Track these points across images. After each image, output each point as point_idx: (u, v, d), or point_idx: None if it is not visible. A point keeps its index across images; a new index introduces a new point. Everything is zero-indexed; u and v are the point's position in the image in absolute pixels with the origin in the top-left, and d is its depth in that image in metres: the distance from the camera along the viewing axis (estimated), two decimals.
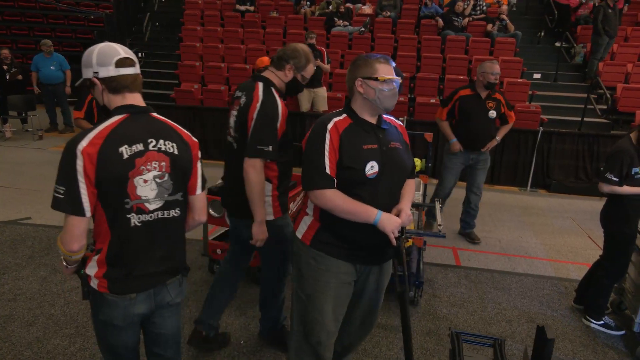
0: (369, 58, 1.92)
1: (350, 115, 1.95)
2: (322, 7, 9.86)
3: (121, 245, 1.62)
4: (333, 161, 1.84)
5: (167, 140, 1.66)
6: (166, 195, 1.67)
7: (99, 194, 1.55)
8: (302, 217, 2.05)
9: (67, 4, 11.81)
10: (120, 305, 1.65)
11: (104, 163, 1.52)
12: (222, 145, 7.28)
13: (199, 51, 9.19)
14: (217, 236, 3.90)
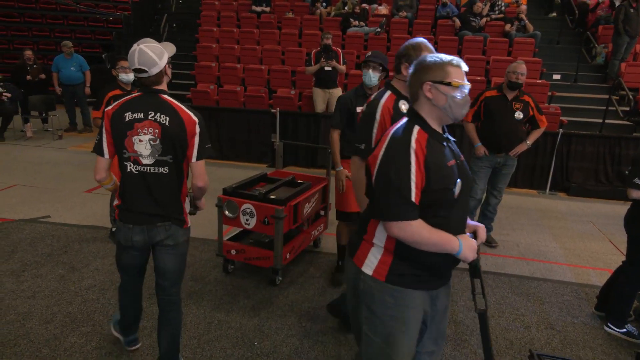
0: (440, 60, 1.70)
1: (424, 127, 1.69)
2: (337, 8, 9.84)
3: (124, 185, 2.30)
4: (419, 186, 1.60)
5: (163, 114, 2.22)
6: (157, 155, 2.24)
7: (114, 144, 2.26)
8: (368, 250, 1.76)
9: (87, 6, 12.00)
10: (123, 230, 2.33)
11: (114, 122, 2.23)
12: (237, 145, 7.34)
13: (215, 52, 9.25)
14: (232, 237, 3.91)
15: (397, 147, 1.63)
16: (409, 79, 1.76)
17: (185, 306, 3.28)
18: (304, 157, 7.19)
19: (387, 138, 1.70)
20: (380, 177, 1.65)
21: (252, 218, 3.54)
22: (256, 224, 3.54)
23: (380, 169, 1.65)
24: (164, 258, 2.39)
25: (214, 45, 9.39)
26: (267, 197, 3.53)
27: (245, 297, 3.45)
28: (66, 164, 6.81)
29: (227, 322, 3.12)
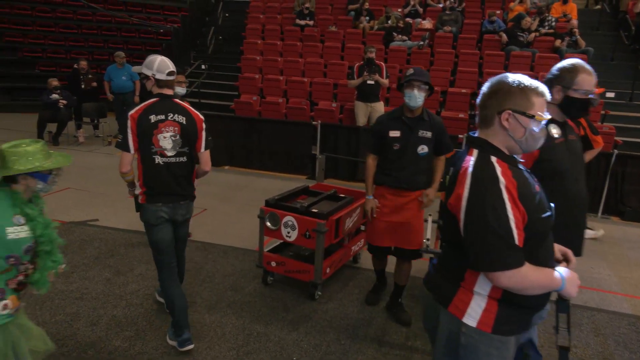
0: (525, 85, 1.52)
1: (500, 156, 1.54)
2: (381, 22, 9.83)
3: (151, 175, 2.73)
4: (520, 226, 1.45)
5: (179, 115, 2.75)
6: (178, 148, 2.77)
7: (138, 142, 2.68)
8: (470, 299, 1.59)
9: (139, 19, 12.55)
10: (152, 210, 2.76)
11: (140, 123, 2.66)
12: (277, 156, 7.41)
13: (258, 64, 9.42)
14: (273, 248, 3.91)
15: (483, 185, 1.48)
16: (482, 99, 1.60)
17: (225, 316, 3.30)
18: (344, 170, 7.16)
19: (467, 176, 1.53)
20: (474, 224, 1.48)
21: (294, 231, 3.53)
22: (297, 237, 3.53)
23: (470, 214, 1.49)
24: (182, 229, 2.99)
25: (258, 57, 9.57)
26: (309, 211, 3.51)
27: (284, 310, 3.43)
28: (114, 169, 7.01)
29: (266, 334, 3.11)
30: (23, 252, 1.86)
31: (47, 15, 12.46)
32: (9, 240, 1.80)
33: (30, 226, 1.88)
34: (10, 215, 1.83)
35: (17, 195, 1.87)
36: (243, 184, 6.66)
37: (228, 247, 4.45)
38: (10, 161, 1.81)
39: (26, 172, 1.83)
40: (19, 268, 1.90)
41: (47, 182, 1.92)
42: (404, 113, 3.14)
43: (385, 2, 10.72)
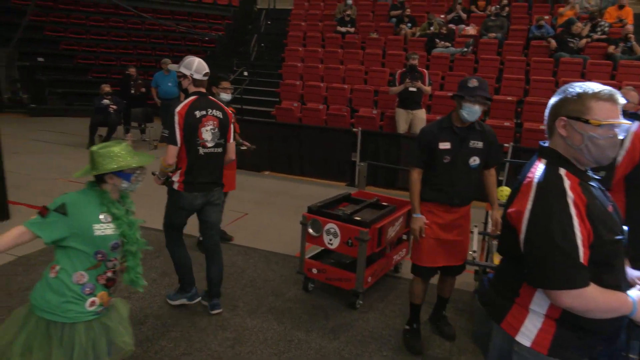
0: (583, 91, 1.45)
1: (570, 168, 1.47)
2: (423, 28, 9.73)
3: (192, 164, 3.04)
4: (586, 244, 1.37)
5: (217, 110, 3.16)
6: (216, 139, 3.15)
7: (184, 135, 3.00)
8: (524, 316, 1.51)
9: (186, 27, 12.97)
10: (189, 197, 3.11)
11: (187, 119, 3.00)
12: (317, 162, 7.44)
13: (299, 71, 9.52)
14: (314, 255, 3.91)
15: (550, 199, 1.40)
16: (547, 107, 1.55)
17: (266, 321, 3.32)
18: (384, 178, 7.10)
19: (531, 187, 1.46)
20: (538, 238, 1.41)
21: (336, 238, 3.52)
22: (339, 245, 3.52)
23: (533, 228, 1.42)
24: (213, 213, 3.28)
25: (299, 64, 9.67)
26: (352, 219, 3.50)
27: (325, 317, 3.42)
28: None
29: (307, 342, 3.11)
30: (110, 248, 1.98)
31: (101, 24, 13.09)
32: (96, 237, 1.93)
33: (116, 224, 1.98)
34: (97, 213, 1.95)
35: (105, 194, 1.99)
36: (283, 190, 6.73)
37: (269, 252, 4.49)
38: (99, 162, 1.94)
39: (112, 172, 1.95)
40: (107, 264, 2.01)
41: (130, 181, 2.02)
42: (453, 122, 2.89)
43: (427, 8, 10.61)
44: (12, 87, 12.57)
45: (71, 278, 1.93)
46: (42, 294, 1.92)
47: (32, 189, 5.95)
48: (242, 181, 5.26)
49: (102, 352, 1.99)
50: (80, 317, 1.94)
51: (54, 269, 1.95)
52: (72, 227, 1.89)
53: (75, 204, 1.93)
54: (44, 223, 1.87)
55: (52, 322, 1.90)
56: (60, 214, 1.88)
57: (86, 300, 1.95)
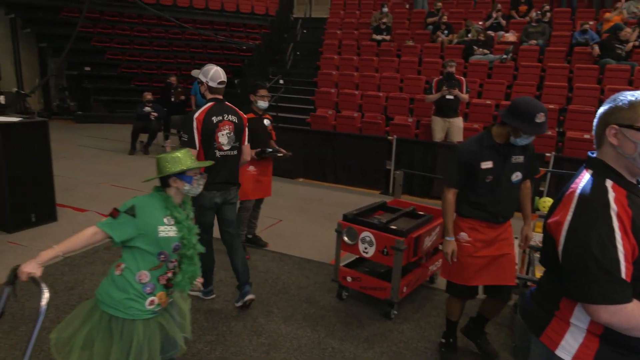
0: (635, 99, 1.39)
1: (618, 180, 1.41)
2: (460, 35, 9.59)
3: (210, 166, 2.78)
4: (629, 259, 1.31)
5: (232, 115, 3.34)
6: (232, 143, 3.34)
7: (202, 139, 3.19)
8: (564, 330, 1.47)
9: (224, 37, 13.30)
10: (208, 196, 3.26)
11: (205, 124, 3.18)
12: (351, 170, 7.43)
13: (334, 79, 9.56)
14: (348, 263, 3.89)
15: (591, 210, 1.36)
16: (596, 117, 1.50)
17: (300, 328, 3.33)
18: (419, 186, 7.01)
19: (573, 198, 1.42)
20: (576, 250, 1.36)
21: (371, 247, 3.50)
22: (374, 253, 3.49)
23: (572, 239, 1.38)
24: (230, 212, 3.48)
25: (334, 72, 9.72)
26: (388, 227, 3.46)
27: (359, 327, 3.39)
28: None
29: (340, 350, 3.09)
30: (172, 250, 2.10)
31: (144, 35, 13.60)
32: (160, 238, 2.05)
33: (177, 228, 2.10)
34: (162, 216, 2.08)
35: (169, 199, 2.13)
36: (317, 197, 6.75)
37: (303, 259, 4.51)
38: (163, 166, 2.10)
39: (175, 174, 2.09)
40: (168, 265, 2.12)
41: (191, 184, 2.14)
42: (493, 139, 2.70)
43: (465, 15, 10.47)
44: (60, 95, 13.24)
45: (135, 276, 2.04)
46: (107, 290, 2.04)
47: (78, 192, 6.22)
48: (276, 188, 5.31)
49: (155, 350, 2.08)
50: (140, 314, 2.04)
51: (120, 267, 2.07)
52: (140, 228, 2.01)
53: (143, 206, 2.06)
54: (115, 224, 2.00)
55: (114, 317, 2.02)
56: (129, 215, 2.01)
57: (146, 299, 2.05)
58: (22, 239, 4.61)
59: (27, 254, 4.29)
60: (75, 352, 2.00)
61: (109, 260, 4.20)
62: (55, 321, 3.24)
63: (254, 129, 4.47)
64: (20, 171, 4.72)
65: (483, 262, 2.80)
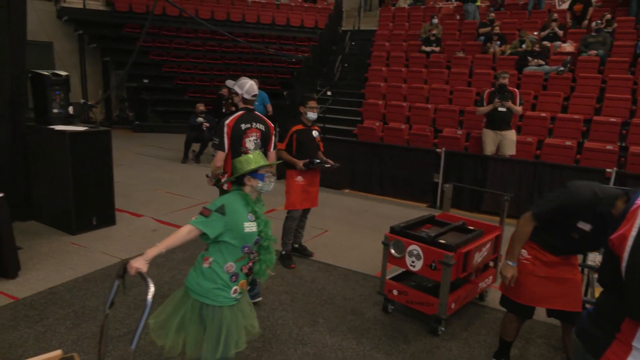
0: None
1: None
2: (514, 46, 9.32)
3: None
4: None
5: (260, 124, 3.68)
6: (258, 148, 3.66)
7: (230, 143, 3.52)
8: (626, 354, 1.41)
9: (274, 50, 13.64)
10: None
11: (234, 130, 3.54)
12: (398, 182, 7.35)
13: (382, 90, 9.55)
14: (394, 276, 3.85)
15: None
16: None
17: (345, 340, 3.32)
18: (468, 200, 6.83)
19: (637, 213, 1.38)
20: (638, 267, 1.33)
21: (419, 260, 3.44)
22: (422, 267, 3.43)
23: (636, 254, 1.33)
24: None
25: (382, 84, 9.71)
26: (437, 241, 3.40)
27: (405, 342, 3.34)
28: None
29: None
30: (254, 243, 2.33)
31: (198, 48, 14.19)
32: (245, 233, 2.27)
33: (257, 222, 2.32)
34: (245, 213, 2.30)
35: (248, 196, 2.35)
36: (363, 208, 6.73)
37: (349, 271, 4.50)
38: (238, 167, 2.34)
39: (249, 173, 2.31)
40: (250, 256, 2.34)
41: (264, 180, 2.34)
42: (611, 210, 2.27)
43: (519, 25, 10.18)
44: (120, 106, 14.03)
45: (222, 268, 2.26)
46: (197, 281, 2.27)
47: (134, 198, 6.54)
48: (323, 198, 5.35)
49: (241, 332, 2.34)
50: (226, 302, 2.28)
51: (207, 260, 2.28)
52: (228, 225, 2.23)
53: (230, 204, 2.27)
54: (207, 221, 2.21)
55: (204, 305, 2.25)
56: (220, 213, 2.22)
57: (231, 287, 2.28)
58: (84, 241, 4.90)
59: (88, 255, 4.56)
60: (171, 335, 2.26)
61: (162, 264, 4.38)
62: (113, 319, 3.41)
63: (303, 140, 4.56)
64: (84, 177, 5.03)
65: (544, 282, 2.66)
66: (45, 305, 3.59)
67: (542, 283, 2.66)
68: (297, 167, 4.38)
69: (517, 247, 2.67)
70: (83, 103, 9.14)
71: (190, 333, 2.27)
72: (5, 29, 4.90)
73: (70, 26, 12.91)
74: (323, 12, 14.82)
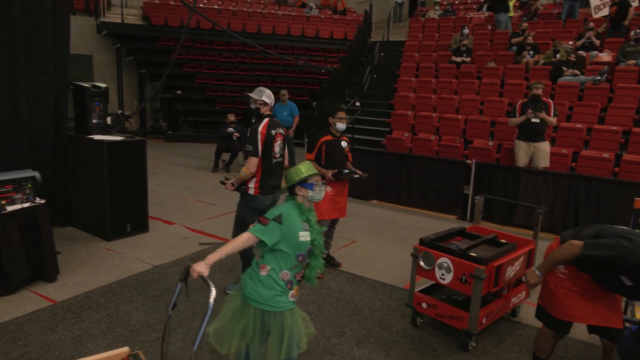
0: None
1: None
2: (547, 56, 9.12)
3: (265, 172, 3.81)
4: None
5: (281, 128, 3.95)
6: (281, 152, 3.95)
7: (263, 149, 3.74)
8: None
9: (304, 61, 13.80)
10: (263, 199, 3.85)
11: (267, 136, 3.76)
12: (427, 193, 7.27)
13: (411, 101, 9.50)
14: (423, 289, 3.79)
15: None
16: None
17: (373, 352, 3.29)
18: (499, 213, 6.68)
19: None
20: None
21: (449, 273, 3.39)
22: (452, 280, 3.37)
23: None
24: None
25: (411, 94, 9.67)
26: (468, 254, 3.34)
27: (434, 356, 3.28)
28: None
29: None
30: (307, 252, 2.42)
31: (230, 60, 14.51)
32: (300, 242, 2.36)
33: (310, 231, 2.41)
34: (300, 222, 2.39)
35: (302, 205, 2.44)
36: (392, 220, 6.68)
37: (376, 282, 4.47)
38: (289, 178, 2.45)
39: (299, 183, 2.42)
40: (303, 264, 2.44)
41: (314, 189, 2.43)
42: None
43: (553, 35, 9.97)
44: (154, 116, 14.46)
45: (279, 275, 2.36)
46: (256, 289, 2.36)
47: (166, 206, 6.70)
48: (350, 209, 5.35)
49: (302, 333, 2.42)
50: (286, 306, 2.39)
51: (264, 268, 2.38)
52: (284, 233, 2.32)
53: (287, 214, 2.37)
54: (265, 230, 2.31)
55: (265, 312, 2.35)
56: (277, 222, 2.32)
57: (288, 292, 2.39)
58: (118, 247, 5.05)
59: (122, 261, 4.70)
60: (234, 342, 2.35)
61: None
62: (145, 324, 3.50)
63: (332, 151, 4.59)
64: (120, 185, 5.20)
65: (581, 297, 2.57)
66: (81, 308, 3.71)
67: (579, 297, 2.58)
68: (326, 177, 4.40)
69: (551, 266, 2.64)
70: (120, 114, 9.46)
71: (255, 339, 2.36)
72: (51, 43, 5.16)
73: (109, 40, 13.45)
74: (352, 24, 14.92)
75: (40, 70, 5.09)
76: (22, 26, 4.84)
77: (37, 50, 5.04)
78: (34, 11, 4.97)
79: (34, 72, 5.03)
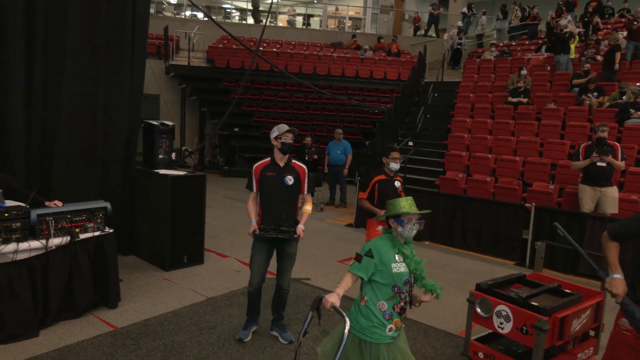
0: None
1: None
2: (613, 98, 8.76)
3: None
4: None
5: None
6: None
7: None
8: None
9: (357, 101, 14.08)
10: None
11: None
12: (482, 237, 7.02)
13: (466, 142, 9.37)
14: (481, 337, 3.62)
15: None
16: None
17: None
18: (562, 261, 6.31)
19: None
20: None
21: (508, 322, 3.22)
22: (511, 330, 3.20)
23: None
24: None
25: (466, 135, 9.55)
26: (529, 303, 3.18)
27: None
28: (325, 233, 7.77)
29: None
30: (403, 283, 2.52)
31: (285, 100, 15.07)
32: (394, 273, 2.48)
33: (407, 262, 2.52)
34: (393, 254, 2.52)
35: (395, 238, 2.57)
36: (445, 262, 6.48)
37: (429, 327, 4.32)
38: (387, 210, 2.57)
39: (393, 217, 2.53)
40: (401, 296, 2.53)
41: (403, 227, 2.52)
42: None
43: (618, 76, 9.60)
44: (212, 152, 15.15)
45: (376, 306, 2.49)
46: (356, 318, 2.53)
47: (221, 239, 6.90)
48: None
49: None
50: (383, 339, 2.48)
51: (364, 299, 2.54)
52: (377, 266, 2.48)
53: (377, 247, 2.52)
54: (361, 266, 2.50)
55: (363, 341, 2.49)
56: (368, 257, 2.49)
57: (386, 326, 2.48)
58: (175, 277, 5.24)
59: (178, 291, 4.86)
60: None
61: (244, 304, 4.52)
62: (198, 356, 3.56)
63: (385, 190, 4.60)
64: (180, 217, 5.46)
65: None
66: (139, 336, 3.86)
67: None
68: (378, 216, 4.40)
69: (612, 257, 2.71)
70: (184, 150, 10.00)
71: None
72: (127, 84, 5.65)
73: (175, 80, 14.43)
74: (406, 65, 15.12)
75: (117, 108, 5.56)
76: (105, 69, 5.35)
77: (116, 89, 5.53)
78: (117, 55, 5.49)
79: (112, 110, 5.50)
